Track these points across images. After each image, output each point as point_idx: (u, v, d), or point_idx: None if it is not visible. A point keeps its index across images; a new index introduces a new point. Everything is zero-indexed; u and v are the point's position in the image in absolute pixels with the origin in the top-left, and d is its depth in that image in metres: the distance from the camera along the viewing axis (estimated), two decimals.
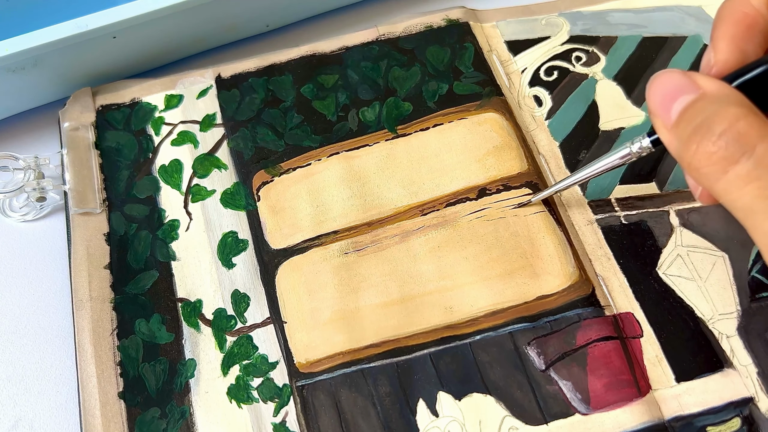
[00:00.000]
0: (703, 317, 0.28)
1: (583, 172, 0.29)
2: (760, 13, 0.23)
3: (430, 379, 0.28)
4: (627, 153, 0.27)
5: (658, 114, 0.22)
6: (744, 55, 0.23)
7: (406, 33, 0.37)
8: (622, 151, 0.27)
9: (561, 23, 0.37)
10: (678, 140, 0.21)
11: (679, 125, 0.21)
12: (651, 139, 0.26)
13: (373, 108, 0.34)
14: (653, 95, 0.23)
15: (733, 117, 0.20)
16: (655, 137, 0.25)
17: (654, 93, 0.22)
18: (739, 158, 0.19)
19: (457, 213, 0.31)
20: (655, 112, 0.23)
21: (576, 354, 0.28)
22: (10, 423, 0.29)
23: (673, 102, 0.21)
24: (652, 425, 0.26)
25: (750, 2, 0.24)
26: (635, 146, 0.26)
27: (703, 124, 0.20)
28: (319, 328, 0.29)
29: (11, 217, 0.34)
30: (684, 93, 0.21)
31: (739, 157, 0.19)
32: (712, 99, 0.21)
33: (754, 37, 0.23)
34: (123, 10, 0.33)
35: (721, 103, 0.20)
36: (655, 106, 0.22)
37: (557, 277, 0.29)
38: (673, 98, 0.22)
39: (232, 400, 0.28)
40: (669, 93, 0.22)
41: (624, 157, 0.27)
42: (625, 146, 0.27)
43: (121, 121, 0.35)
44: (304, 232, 0.31)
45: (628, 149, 0.26)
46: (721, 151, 0.20)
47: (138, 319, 0.30)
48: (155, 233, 0.32)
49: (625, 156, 0.27)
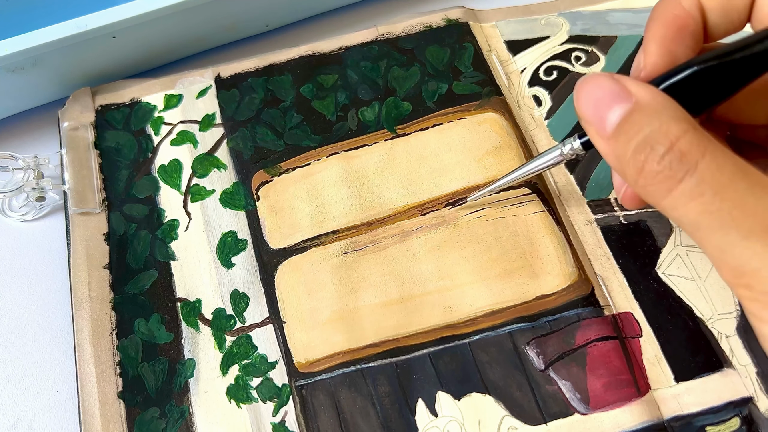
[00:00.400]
0: (702, 317, 0.28)
1: (514, 174, 0.28)
2: (690, 15, 0.23)
3: (430, 378, 0.28)
4: (558, 154, 0.27)
5: (590, 122, 0.22)
6: (674, 57, 0.23)
7: (405, 33, 0.37)
8: (554, 152, 0.27)
9: (560, 23, 0.37)
10: (619, 155, 0.21)
11: (617, 139, 0.21)
12: (582, 141, 0.26)
13: (373, 108, 0.34)
14: (584, 102, 0.22)
15: (674, 136, 0.20)
16: (586, 139, 0.25)
17: (585, 99, 0.22)
18: (683, 177, 0.20)
19: (457, 213, 0.31)
20: (587, 120, 0.22)
21: (575, 354, 0.28)
22: (10, 423, 0.29)
23: (607, 111, 0.21)
24: (652, 425, 0.26)
25: (681, 4, 0.24)
26: (566, 148, 0.26)
27: (646, 142, 0.20)
28: (318, 327, 0.29)
29: (11, 217, 0.34)
30: (617, 102, 0.21)
31: (683, 175, 0.20)
32: (648, 112, 0.21)
33: (684, 40, 0.23)
34: (123, 10, 0.33)
35: (660, 118, 0.20)
36: (587, 114, 0.22)
37: (556, 276, 0.29)
38: (606, 106, 0.21)
39: (232, 399, 0.28)
40: (600, 101, 0.22)
41: (555, 158, 0.27)
42: (556, 147, 0.27)
43: (121, 121, 0.35)
44: (303, 232, 0.31)
45: (560, 150, 0.26)
46: (666, 170, 0.20)
47: (137, 318, 0.30)
48: (155, 233, 0.32)
49: (556, 158, 0.27)
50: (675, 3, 0.24)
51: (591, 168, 0.33)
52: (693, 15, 0.24)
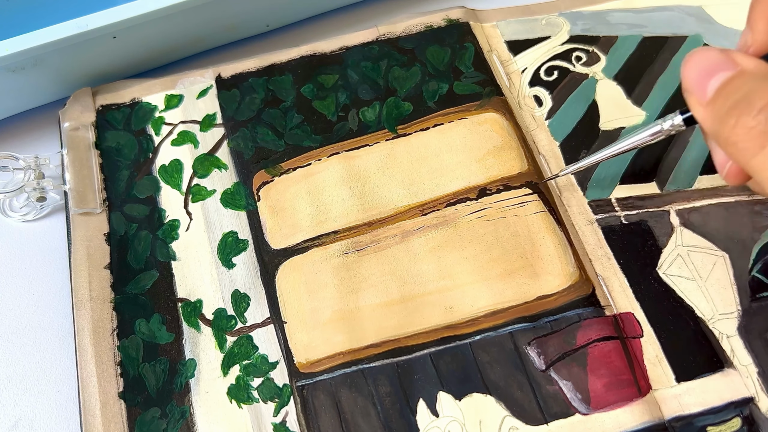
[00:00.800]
0: (703, 317, 0.28)
1: (613, 147, 0.29)
2: None
3: (431, 379, 0.28)
4: (658, 130, 0.27)
5: (692, 91, 0.22)
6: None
7: (406, 33, 0.37)
8: (653, 128, 0.27)
9: (561, 23, 0.37)
10: (714, 116, 0.21)
11: (716, 101, 0.21)
12: (684, 116, 0.26)
13: (373, 108, 0.34)
14: (689, 72, 0.22)
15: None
16: (688, 115, 0.25)
17: (690, 69, 0.22)
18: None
19: (458, 213, 0.31)
20: (689, 89, 0.22)
21: (576, 354, 0.28)
22: (11, 423, 0.29)
23: (710, 78, 0.21)
24: (653, 425, 0.26)
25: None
26: (666, 123, 0.26)
27: (743, 99, 0.20)
28: (319, 328, 0.29)
29: (11, 217, 0.34)
30: (721, 70, 0.21)
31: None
32: (750, 76, 0.20)
33: None
34: (123, 10, 0.33)
35: (761, 79, 0.20)
36: (690, 83, 0.22)
37: (557, 277, 0.29)
38: (710, 75, 0.21)
39: (233, 400, 0.28)
40: (705, 70, 0.22)
41: (654, 134, 0.27)
42: (656, 123, 0.27)
43: (121, 121, 0.35)
44: (304, 232, 0.31)
45: (660, 126, 0.27)
46: (761, 125, 0.19)
47: (138, 319, 0.30)
48: (155, 233, 0.32)
49: (656, 133, 0.27)
50: None
51: (592, 168, 0.33)
52: None
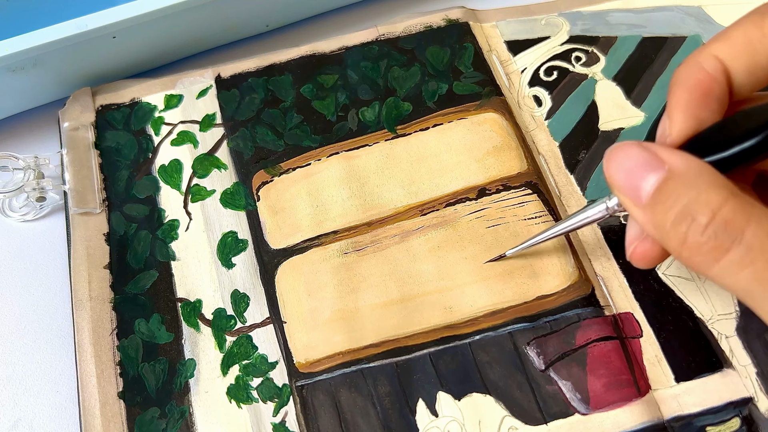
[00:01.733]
0: (702, 317, 0.28)
1: (555, 228, 0.28)
2: (714, 78, 0.23)
3: (430, 379, 0.28)
4: (604, 208, 0.25)
5: (624, 191, 0.22)
6: (700, 122, 0.22)
7: (405, 33, 0.37)
8: (599, 207, 0.25)
9: (561, 23, 0.37)
10: (657, 225, 0.21)
11: (654, 209, 0.21)
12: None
13: (373, 108, 0.34)
14: (615, 172, 0.22)
15: (716, 204, 0.19)
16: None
17: (616, 170, 0.22)
18: (730, 246, 0.19)
19: (457, 213, 0.31)
20: (620, 189, 0.22)
21: (575, 354, 0.28)
22: (10, 423, 0.29)
23: (641, 180, 0.21)
24: (652, 425, 0.26)
25: (704, 68, 0.23)
26: (612, 202, 0.25)
27: (686, 213, 0.20)
28: (318, 328, 0.29)
29: (11, 217, 0.34)
30: (650, 170, 0.21)
31: (730, 245, 0.19)
32: (684, 180, 0.20)
33: (709, 105, 0.23)
34: (123, 10, 0.33)
35: (697, 186, 0.20)
36: (620, 185, 0.22)
37: (557, 277, 0.29)
38: (639, 176, 0.21)
39: (232, 399, 0.28)
40: (632, 170, 0.21)
41: (600, 212, 0.25)
42: (600, 202, 0.25)
43: (121, 121, 0.35)
44: (303, 232, 0.31)
45: (605, 205, 0.25)
46: (711, 241, 0.19)
47: (138, 319, 0.30)
48: (155, 233, 0.32)
49: (601, 212, 0.25)
50: (697, 67, 0.23)
51: (591, 168, 0.33)
52: (717, 78, 0.23)
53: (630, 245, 0.24)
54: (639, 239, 0.24)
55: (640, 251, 0.24)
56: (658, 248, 0.23)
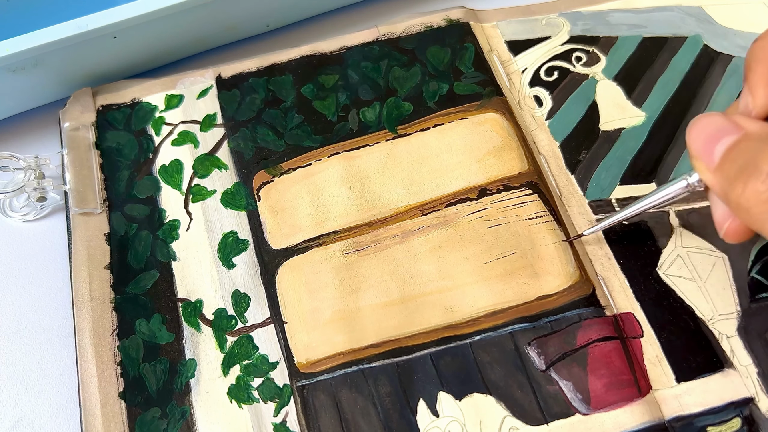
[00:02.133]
0: (703, 317, 0.28)
1: (635, 206, 0.28)
2: None
3: (431, 379, 0.28)
4: (685, 185, 0.25)
5: (700, 157, 0.22)
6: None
7: (406, 33, 0.37)
8: (680, 183, 0.26)
9: (561, 23, 0.37)
10: (723, 181, 0.21)
11: (723, 166, 0.21)
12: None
13: (374, 108, 0.34)
14: (694, 139, 0.22)
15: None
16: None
17: (696, 137, 0.22)
18: None
19: (458, 213, 0.31)
20: (696, 156, 0.22)
21: (576, 354, 0.28)
22: (11, 423, 0.29)
23: (715, 143, 0.21)
24: (653, 425, 0.26)
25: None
26: (693, 178, 0.25)
27: (750, 162, 0.20)
28: (319, 328, 0.29)
29: (11, 217, 0.34)
30: (726, 134, 0.21)
31: None
32: (755, 138, 0.20)
33: None
34: (123, 10, 0.33)
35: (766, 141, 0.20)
36: (697, 150, 0.22)
37: (557, 277, 0.29)
38: (715, 140, 0.21)
39: (233, 400, 0.28)
40: (710, 135, 0.21)
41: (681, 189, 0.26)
42: (681, 178, 0.26)
43: (122, 121, 0.35)
44: (304, 232, 0.31)
45: (686, 181, 0.25)
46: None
47: (138, 319, 0.30)
48: (156, 233, 0.32)
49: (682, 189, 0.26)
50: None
51: (592, 168, 0.33)
52: None
53: (722, 224, 0.24)
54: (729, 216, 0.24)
55: (733, 228, 0.24)
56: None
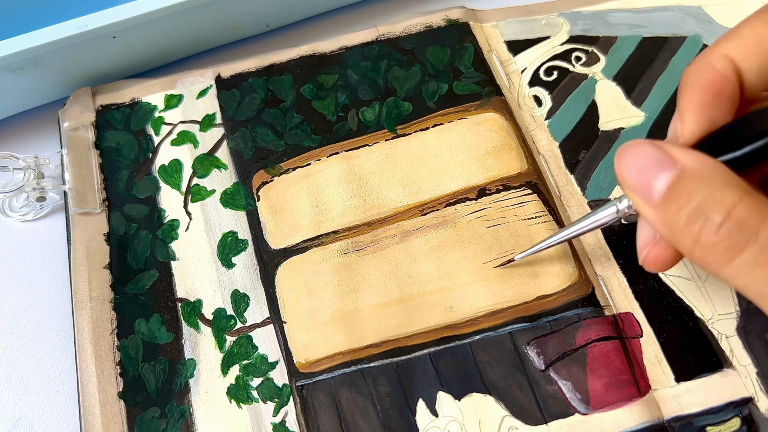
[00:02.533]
0: (702, 317, 0.28)
1: (568, 230, 0.27)
2: (726, 78, 0.22)
3: (430, 379, 0.28)
4: (614, 211, 0.25)
5: (635, 190, 0.21)
6: (712, 122, 0.22)
7: (406, 33, 0.37)
8: (609, 209, 0.25)
9: (561, 23, 0.37)
10: (669, 225, 0.21)
11: (666, 208, 0.20)
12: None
13: (373, 108, 0.34)
14: (626, 170, 0.21)
15: (730, 203, 0.19)
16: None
17: (627, 168, 0.21)
18: (744, 246, 0.19)
19: (457, 213, 0.31)
20: (631, 188, 0.22)
21: (576, 354, 0.28)
22: (10, 423, 0.29)
23: (652, 178, 0.21)
24: (652, 425, 0.26)
25: (715, 68, 0.22)
26: (623, 204, 0.25)
27: (699, 212, 0.19)
28: (318, 328, 0.29)
29: (11, 217, 0.34)
30: (661, 169, 0.20)
31: (744, 245, 0.19)
32: (697, 178, 0.20)
33: (721, 105, 0.22)
34: (123, 10, 0.33)
35: (711, 185, 0.20)
36: (632, 182, 0.21)
37: (557, 277, 0.29)
38: (651, 174, 0.21)
39: (232, 400, 0.28)
40: (644, 168, 0.21)
41: (610, 215, 0.25)
42: (611, 204, 0.25)
43: (121, 121, 0.35)
44: (303, 232, 0.31)
45: (615, 207, 0.25)
46: (725, 241, 0.19)
47: (138, 319, 0.30)
48: (155, 233, 0.32)
49: (611, 215, 0.25)
50: (708, 67, 0.23)
51: (591, 168, 0.33)
52: (729, 78, 0.22)
53: (642, 249, 0.24)
54: (651, 243, 0.23)
55: (653, 255, 0.24)
56: (672, 251, 0.23)
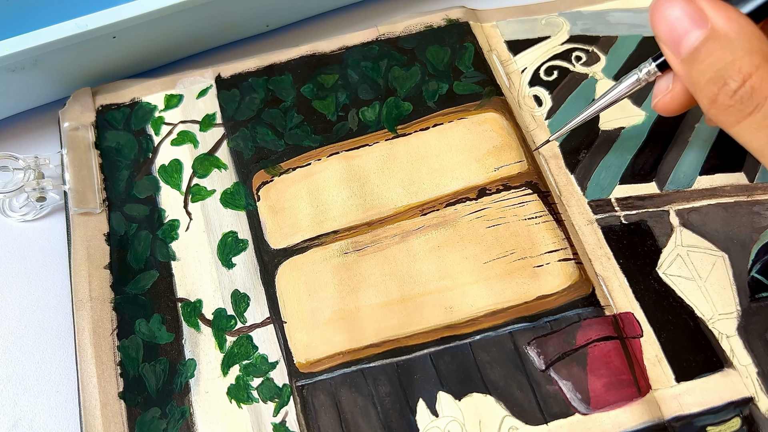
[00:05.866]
0: (703, 317, 0.28)
1: (597, 104, 0.30)
2: None
3: (430, 378, 0.28)
4: (635, 80, 0.28)
5: (667, 44, 0.24)
6: None
7: (406, 33, 0.37)
8: (630, 79, 0.28)
9: (561, 23, 0.37)
10: (692, 80, 0.23)
11: (692, 65, 0.23)
12: (657, 63, 0.27)
13: (373, 108, 0.34)
14: (660, 23, 0.24)
15: (747, 71, 0.22)
16: (661, 60, 0.27)
17: (660, 20, 0.24)
18: (752, 111, 0.22)
19: (457, 213, 0.31)
20: (663, 40, 0.24)
21: (576, 354, 0.28)
22: (10, 423, 0.29)
23: (683, 34, 0.23)
24: (652, 425, 0.26)
25: None
26: (642, 72, 0.28)
27: (720, 76, 0.22)
28: (319, 328, 0.29)
29: (11, 217, 0.34)
30: (693, 26, 0.23)
31: (752, 109, 0.22)
32: (723, 41, 0.22)
33: None
34: (123, 10, 0.33)
35: (734, 51, 0.22)
36: (663, 35, 0.24)
37: (557, 277, 0.29)
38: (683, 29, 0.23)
39: (232, 400, 0.28)
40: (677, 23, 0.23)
41: (631, 84, 0.29)
42: (632, 73, 0.28)
43: (121, 120, 0.35)
44: (303, 232, 0.31)
45: (636, 76, 0.28)
46: (737, 105, 0.22)
47: (138, 319, 0.30)
48: (155, 233, 0.32)
49: (632, 84, 0.29)
50: None
51: (592, 168, 0.33)
52: None
53: (656, 96, 0.28)
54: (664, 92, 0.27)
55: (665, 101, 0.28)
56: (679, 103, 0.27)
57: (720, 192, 0.31)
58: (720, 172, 0.32)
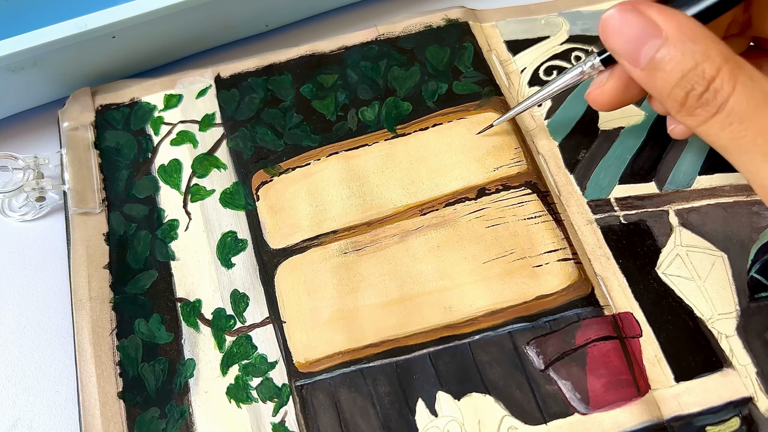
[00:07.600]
0: (702, 317, 0.28)
1: (539, 93, 0.30)
2: None
3: (430, 378, 0.28)
4: (579, 72, 0.28)
5: (623, 56, 0.24)
6: None
7: (405, 33, 0.37)
8: (574, 71, 0.29)
9: (560, 23, 0.37)
10: (657, 87, 0.24)
11: (654, 75, 0.23)
12: (601, 58, 0.27)
13: (373, 108, 0.34)
14: (612, 38, 0.24)
15: (710, 75, 0.22)
16: (606, 56, 0.27)
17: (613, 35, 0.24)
18: (716, 112, 0.22)
19: (457, 213, 0.31)
20: (619, 54, 0.24)
21: (575, 354, 0.28)
22: (10, 423, 0.29)
23: (640, 46, 0.23)
24: (652, 425, 0.26)
25: None
26: (587, 66, 0.28)
27: (685, 82, 0.23)
28: (318, 327, 0.29)
29: (10, 217, 0.34)
30: (647, 38, 0.23)
31: (716, 110, 0.22)
32: (681, 48, 0.22)
33: None
34: (123, 10, 0.33)
35: (694, 56, 0.22)
36: (619, 49, 0.24)
37: (556, 276, 0.29)
38: (639, 42, 0.23)
39: (232, 399, 0.28)
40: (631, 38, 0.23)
41: (576, 76, 0.29)
42: (577, 66, 0.29)
43: (121, 120, 0.35)
44: (303, 232, 0.31)
45: (580, 69, 0.28)
46: (702, 107, 0.23)
47: (137, 318, 0.30)
48: (154, 233, 0.32)
49: (577, 75, 0.29)
50: None
51: (591, 167, 0.33)
52: None
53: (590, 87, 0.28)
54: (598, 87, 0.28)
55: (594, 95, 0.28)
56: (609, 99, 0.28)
57: (719, 192, 0.31)
58: (719, 172, 0.32)
